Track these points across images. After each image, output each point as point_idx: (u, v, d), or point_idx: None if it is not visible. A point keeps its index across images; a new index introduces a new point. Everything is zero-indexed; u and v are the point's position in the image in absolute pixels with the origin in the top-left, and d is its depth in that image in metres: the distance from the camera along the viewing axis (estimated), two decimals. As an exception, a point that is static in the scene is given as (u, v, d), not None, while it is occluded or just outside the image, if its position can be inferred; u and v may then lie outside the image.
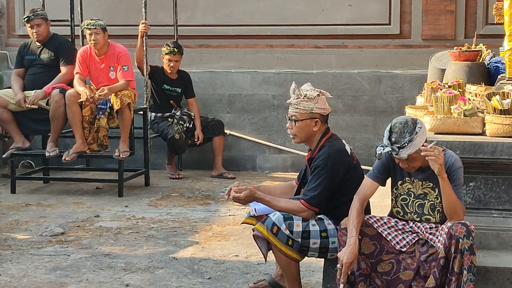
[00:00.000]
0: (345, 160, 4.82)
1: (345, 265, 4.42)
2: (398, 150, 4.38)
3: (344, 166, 4.80)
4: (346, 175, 4.80)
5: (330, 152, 4.79)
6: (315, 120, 4.84)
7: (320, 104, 4.85)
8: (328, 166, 4.76)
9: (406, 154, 4.38)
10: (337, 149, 4.83)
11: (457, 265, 4.28)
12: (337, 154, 4.81)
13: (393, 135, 4.41)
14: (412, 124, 4.41)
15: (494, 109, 5.17)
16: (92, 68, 8.53)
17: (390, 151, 4.40)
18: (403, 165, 4.47)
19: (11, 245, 6.40)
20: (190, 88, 9.44)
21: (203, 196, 8.25)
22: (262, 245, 4.83)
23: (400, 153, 4.38)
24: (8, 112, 8.51)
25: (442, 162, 4.34)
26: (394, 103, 9.37)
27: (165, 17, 9.75)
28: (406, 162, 4.44)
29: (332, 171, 4.76)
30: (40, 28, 8.59)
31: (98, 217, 7.36)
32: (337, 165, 4.78)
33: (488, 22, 9.21)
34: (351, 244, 4.44)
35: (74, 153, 8.28)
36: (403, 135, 4.38)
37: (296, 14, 9.74)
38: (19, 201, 8.05)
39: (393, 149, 4.38)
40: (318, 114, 4.85)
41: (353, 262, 4.44)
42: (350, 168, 4.84)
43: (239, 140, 9.80)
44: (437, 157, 4.33)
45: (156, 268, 5.80)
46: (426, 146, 4.35)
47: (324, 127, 4.90)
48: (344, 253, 4.44)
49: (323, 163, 4.77)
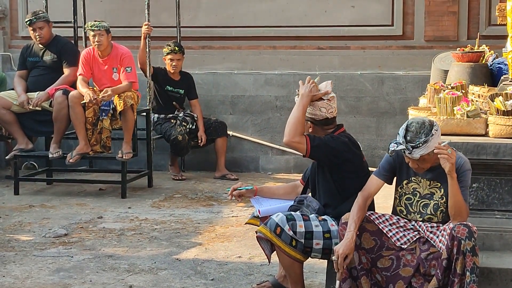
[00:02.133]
0: (356, 150, 4.85)
1: (340, 256, 4.42)
2: (412, 149, 4.38)
3: (352, 152, 4.81)
4: (351, 164, 4.79)
5: (344, 135, 4.85)
6: (308, 123, 4.88)
7: (311, 109, 4.86)
8: (339, 139, 4.79)
9: (419, 155, 4.38)
10: (352, 139, 4.88)
11: (460, 266, 4.28)
12: (351, 142, 4.85)
13: (409, 134, 4.41)
14: (429, 126, 4.41)
15: (497, 110, 5.17)
16: (95, 70, 8.54)
17: (403, 149, 4.40)
18: (413, 165, 4.47)
19: (15, 247, 6.41)
20: (193, 89, 9.45)
21: (206, 197, 8.26)
22: (266, 247, 4.84)
23: (414, 153, 4.38)
24: (11, 113, 8.52)
25: (454, 162, 4.35)
26: (397, 104, 9.37)
27: (167, 19, 9.76)
28: (416, 163, 4.44)
29: (341, 144, 4.77)
30: (42, 31, 8.60)
31: (101, 218, 7.37)
32: (348, 145, 4.80)
33: (490, 23, 9.21)
34: (348, 238, 4.46)
35: (77, 155, 8.28)
36: (419, 135, 4.38)
37: (299, 16, 9.74)
38: (23, 203, 8.06)
39: (407, 147, 4.39)
40: (310, 118, 4.88)
41: (348, 255, 4.44)
42: (358, 162, 4.84)
43: (242, 141, 9.80)
44: (449, 156, 4.33)
45: (159, 269, 5.80)
46: (439, 145, 4.36)
47: (326, 128, 4.89)
48: (341, 245, 4.46)
49: (336, 137, 4.81)
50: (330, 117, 4.89)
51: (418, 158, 4.40)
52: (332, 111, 4.89)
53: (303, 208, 4.95)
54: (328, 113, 4.87)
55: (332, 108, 4.89)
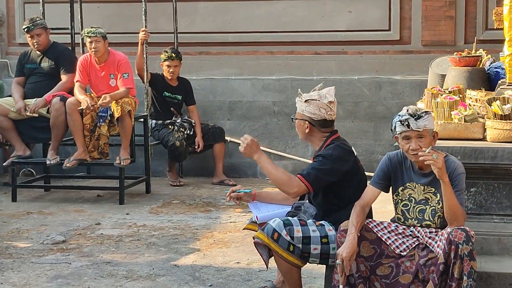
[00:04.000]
0: (350, 159, 4.83)
1: (345, 259, 4.43)
2: (416, 120, 4.42)
3: (348, 164, 4.80)
4: (347, 174, 4.79)
5: (336, 146, 4.82)
6: (306, 122, 4.88)
7: (311, 108, 4.87)
8: (332, 157, 4.77)
9: (423, 124, 4.42)
10: (345, 147, 4.86)
11: (457, 271, 4.28)
12: (344, 150, 4.83)
13: (410, 109, 4.49)
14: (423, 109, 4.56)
15: (494, 115, 5.18)
16: (93, 76, 8.54)
17: (407, 119, 4.43)
18: (415, 145, 4.45)
19: (13, 254, 6.40)
20: (191, 95, 9.45)
21: (204, 203, 8.25)
22: (263, 252, 4.83)
23: (418, 123, 4.42)
24: (9, 120, 8.52)
25: (442, 166, 4.35)
26: (394, 109, 9.35)
27: (165, 24, 9.77)
28: (418, 142, 4.44)
29: (335, 162, 4.76)
30: (40, 38, 8.60)
31: (99, 224, 7.36)
32: (342, 159, 4.79)
33: (488, 28, 9.22)
34: (349, 240, 4.46)
35: (75, 160, 8.29)
36: (419, 110, 4.49)
37: (296, 21, 9.75)
38: (20, 209, 8.05)
39: (412, 116, 4.43)
40: (308, 118, 4.88)
41: (352, 256, 4.45)
42: (354, 169, 4.84)
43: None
44: (435, 161, 4.35)
45: (158, 275, 5.80)
46: (423, 152, 4.37)
47: (323, 131, 4.90)
48: (344, 248, 4.46)
49: (327, 153, 4.79)
50: (328, 119, 4.89)
51: (422, 129, 4.42)
52: (331, 113, 4.90)
53: (301, 214, 4.96)
54: (327, 115, 4.88)
55: (331, 111, 4.90)
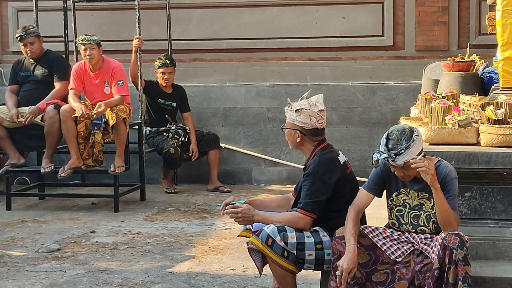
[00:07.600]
0: (336, 169, 4.82)
1: (345, 271, 4.43)
2: (395, 157, 4.39)
3: (335, 175, 4.80)
4: (339, 183, 4.80)
5: (320, 161, 4.81)
6: (297, 132, 4.88)
7: (302, 118, 4.86)
8: (318, 173, 4.78)
9: (402, 161, 4.39)
10: (328, 158, 4.84)
11: (452, 276, 4.28)
12: (328, 162, 4.82)
13: (390, 142, 4.43)
14: (409, 132, 4.43)
15: (488, 119, 5.18)
16: (87, 84, 8.53)
17: (386, 157, 4.41)
18: (399, 173, 4.48)
19: (7, 262, 6.38)
20: (185, 102, 9.45)
21: (199, 210, 8.25)
22: (257, 258, 4.83)
23: (397, 160, 4.39)
24: (3, 128, 8.51)
25: (433, 173, 4.36)
26: (388, 114, 9.39)
27: (159, 32, 9.77)
28: (402, 170, 4.45)
29: (323, 178, 4.77)
30: (33, 46, 8.60)
31: (94, 232, 7.35)
32: (328, 173, 4.79)
33: (481, 33, 9.25)
34: (350, 252, 4.46)
35: (69, 169, 8.27)
36: (400, 142, 4.40)
37: (290, 27, 9.77)
38: (15, 218, 8.03)
39: (390, 155, 4.40)
40: (299, 127, 4.88)
41: (353, 269, 4.45)
42: (343, 177, 4.84)
43: (235, 154, 9.81)
44: (427, 168, 4.35)
45: (153, 283, 5.78)
46: (416, 158, 4.37)
47: (314, 140, 4.90)
48: (344, 259, 4.46)
49: (313, 171, 4.80)
50: (319, 127, 4.89)
51: (402, 165, 4.40)
52: (322, 122, 4.90)
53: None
54: (318, 123, 4.88)
55: (322, 119, 4.90)
